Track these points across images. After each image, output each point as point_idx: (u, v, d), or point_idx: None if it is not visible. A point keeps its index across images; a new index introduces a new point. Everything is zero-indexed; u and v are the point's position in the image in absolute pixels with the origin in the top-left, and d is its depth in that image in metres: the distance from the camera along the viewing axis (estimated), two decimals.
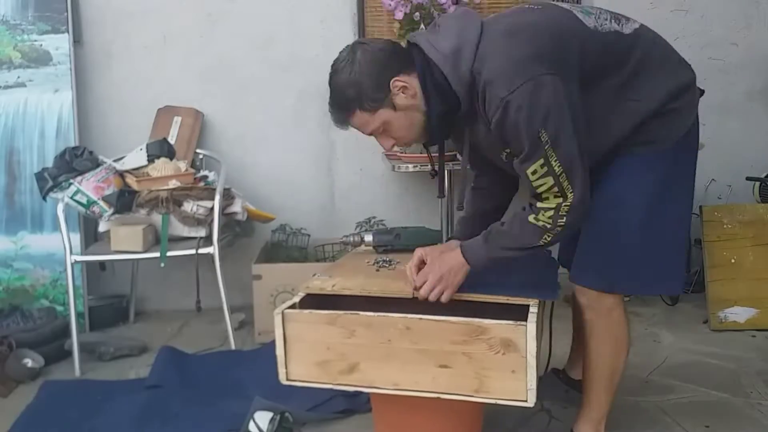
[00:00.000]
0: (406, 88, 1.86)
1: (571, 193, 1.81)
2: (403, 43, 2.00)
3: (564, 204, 1.82)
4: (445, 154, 3.19)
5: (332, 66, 1.91)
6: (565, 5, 2.01)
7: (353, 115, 1.90)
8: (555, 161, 1.77)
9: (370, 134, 1.96)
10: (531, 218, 1.87)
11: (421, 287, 1.94)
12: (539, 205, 1.86)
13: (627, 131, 1.95)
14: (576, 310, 2.31)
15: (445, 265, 1.94)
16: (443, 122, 1.92)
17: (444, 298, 1.94)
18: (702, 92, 2.12)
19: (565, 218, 1.83)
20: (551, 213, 1.83)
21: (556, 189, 1.81)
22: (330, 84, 1.92)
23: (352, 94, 1.85)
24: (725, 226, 3.61)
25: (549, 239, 1.88)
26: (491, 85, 1.77)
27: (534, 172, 1.80)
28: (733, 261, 3.57)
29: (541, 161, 1.77)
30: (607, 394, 2.21)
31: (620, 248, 2.02)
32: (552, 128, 1.75)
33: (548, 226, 1.85)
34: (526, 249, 1.90)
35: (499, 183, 2.25)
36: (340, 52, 1.92)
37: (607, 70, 1.91)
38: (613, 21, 1.97)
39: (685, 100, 1.99)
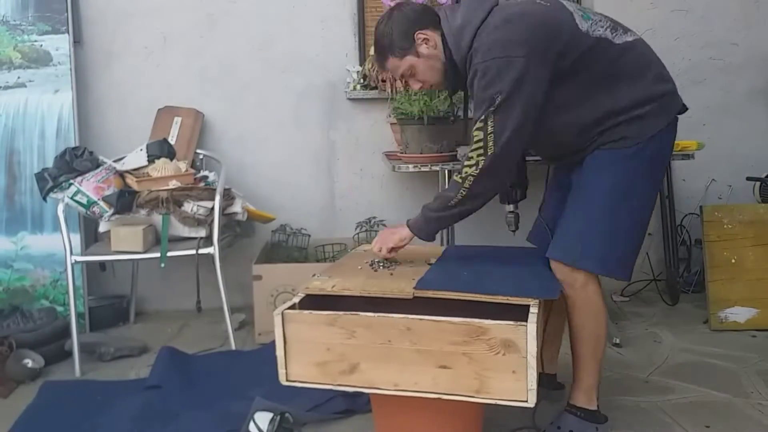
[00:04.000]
0: (428, 40, 2.22)
1: (490, 153, 2.08)
2: None
3: (480, 164, 2.10)
4: (444, 154, 3.24)
5: (377, 23, 2.31)
6: (571, 5, 2.23)
7: (387, 60, 2.29)
8: (491, 123, 2.06)
9: (401, 77, 2.33)
10: (456, 176, 2.18)
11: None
12: (465, 162, 2.14)
13: (589, 122, 2.22)
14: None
15: (388, 232, 2.38)
16: (455, 78, 2.26)
17: (381, 253, 2.35)
18: (685, 108, 2.34)
19: (476, 177, 2.12)
20: (473, 168, 2.12)
21: (482, 145, 2.09)
22: (374, 36, 2.31)
23: (385, 42, 2.26)
24: (725, 226, 3.60)
25: (463, 194, 2.16)
26: (474, 54, 2.11)
27: (474, 123, 2.11)
28: (733, 261, 3.57)
29: (483, 117, 2.07)
30: (596, 362, 2.38)
31: (585, 228, 2.24)
32: (503, 100, 2.04)
33: (464, 178, 2.14)
34: (449, 208, 2.20)
35: None
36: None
37: (585, 67, 2.16)
38: (608, 29, 2.21)
39: (651, 109, 2.21)
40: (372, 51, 2.38)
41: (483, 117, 2.07)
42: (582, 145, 2.27)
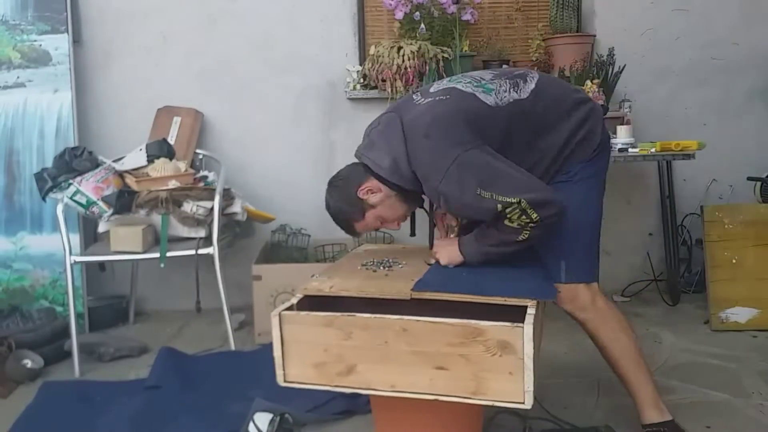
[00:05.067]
0: (371, 190, 2.24)
1: (531, 198, 2.01)
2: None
3: (528, 206, 2.02)
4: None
5: (326, 208, 2.37)
6: (468, 89, 2.22)
7: (355, 227, 2.34)
8: (509, 198, 2.00)
9: (376, 229, 2.39)
10: (506, 221, 2.06)
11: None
12: (508, 214, 2.05)
13: (541, 171, 2.22)
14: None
15: (446, 255, 2.25)
16: (414, 192, 2.26)
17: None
18: (606, 109, 2.44)
19: (535, 214, 2.02)
20: (518, 212, 2.02)
21: (522, 207, 2.01)
22: (332, 218, 2.37)
23: (342, 218, 2.33)
24: (726, 226, 3.59)
25: (527, 235, 2.07)
26: (426, 180, 2.12)
27: (507, 216, 2.03)
28: (734, 261, 3.56)
29: (500, 207, 2.01)
30: (643, 371, 2.36)
31: (564, 245, 2.26)
32: (487, 185, 2.02)
33: (522, 224, 2.04)
34: (511, 244, 2.11)
35: None
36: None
37: (515, 133, 2.17)
38: (512, 90, 2.21)
39: (586, 129, 2.24)
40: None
41: (500, 204, 2.01)
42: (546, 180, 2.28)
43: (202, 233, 3.39)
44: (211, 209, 3.38)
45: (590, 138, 2.25)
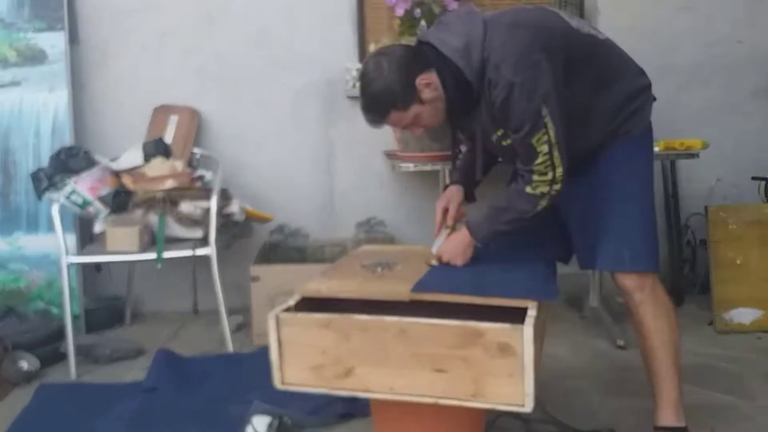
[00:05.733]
0: (430, 84, 2.09)
1: (560, 165, 2.05)
2: (404, 41, 2.39)
3: (556, 175, 2.06)
4: (444, 153, 3.21)
5: (362, 77, 2.14)
6: (552, 8, 2.27)
7: (388, 116, 2.13)
8: (552, 133, 2.01)
9: (403, 127, 2.23)
10: (528, 189, 2.09)
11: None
12: (535, 178, 2.08)
13: (600, 122, 2.22)
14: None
15: (456, 244, 2.24)
16: (462, 105, 2.16)
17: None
18: (654, 98, 2.36)
19: (558, 186, 2.08)
20: (547, 181, 2.07)
21: (548, 160, 2.04)
22: (363, 93, 2.14)
23: (386, 99, 2.09)
24: (731, 227, 3.57)
25: (545, 203, 2.11)
26: (499, 68, 2.01)
27: (538, 140, 2.02)
28: (738, 262, 3.53)
29: (543, 131, 2.01)
30: (677, 371, 2.30)
31: (627, 229, 2.24)
32: (550, 106, 2.00)
33: (544, 192, 2.08)
34: (524, 218, 2.14)
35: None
36: (364, 64, 2.17)
37: (584, 65, 2.15)
38: (590, 27, 2.27)
39: (641, 101, 2.26)
40: (363, 104, 2.17)
41: (541, 129, 2.00)
42: (592, 146, 2.24)
43: (199, 233, 3.37)
44: (209, 209, 3.36)
45: (645, 109, 2.27)
